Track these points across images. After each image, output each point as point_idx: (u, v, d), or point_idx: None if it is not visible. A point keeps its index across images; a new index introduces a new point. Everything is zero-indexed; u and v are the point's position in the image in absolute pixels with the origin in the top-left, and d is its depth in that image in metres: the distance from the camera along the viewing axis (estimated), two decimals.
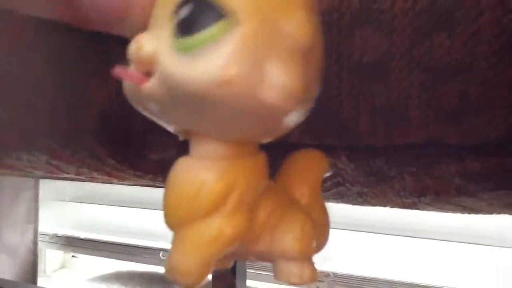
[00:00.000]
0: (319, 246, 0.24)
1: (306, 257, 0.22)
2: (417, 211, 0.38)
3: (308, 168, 0.25)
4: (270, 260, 0.22)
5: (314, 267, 0.22)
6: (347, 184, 0.32)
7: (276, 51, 0.16)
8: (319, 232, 0.24)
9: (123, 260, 1.54)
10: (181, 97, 0.16)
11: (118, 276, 1.50)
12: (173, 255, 0.19)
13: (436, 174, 0.28)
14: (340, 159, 0.29)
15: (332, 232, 0.26)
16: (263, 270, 1.35)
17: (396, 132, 0.26)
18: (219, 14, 0.15)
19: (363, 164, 0.29)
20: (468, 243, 1.21)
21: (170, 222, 0.20)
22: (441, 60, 0.23)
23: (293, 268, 0.21)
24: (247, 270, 0.80)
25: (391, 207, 0.37)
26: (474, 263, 1.18)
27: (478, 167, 0.26)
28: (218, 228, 0.18)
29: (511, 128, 0.23)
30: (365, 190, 0.33)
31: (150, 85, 0.17)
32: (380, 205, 0.37)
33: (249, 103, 0.16)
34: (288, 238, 0.21)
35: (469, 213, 0.35)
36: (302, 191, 0.24)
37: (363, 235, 1.34)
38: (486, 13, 0.21)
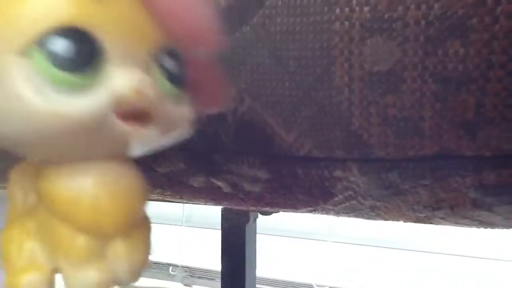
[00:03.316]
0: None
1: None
2: (434, 226, 0.37)
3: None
4: None
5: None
6: (359, 198, 0.32)
7: None
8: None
9: None
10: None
11: None
12: None
13: (451, 187, 0.28)
14: (352, 172, 0.29)
15: (344, 248, 0.25)
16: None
17: (409, 144, 0.25)
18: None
19: (375, 177, 0.28)
20: (477, 257, 1.19)
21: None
22: (455, 70, 0.22)
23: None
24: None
25: (404, 221, 0.36)
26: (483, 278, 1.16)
27: (494, 179, 0.26)
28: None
29: None
30: (378, 204, 0.32)
31: None
32: (393, 220, 0.36)
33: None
34: None
35: (485, 228, 0.34)
36: None
37: (375, 251, 1.32)
38: (501, 20, 0.21)
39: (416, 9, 0.22)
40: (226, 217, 0.73)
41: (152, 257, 0.24)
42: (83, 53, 0.15)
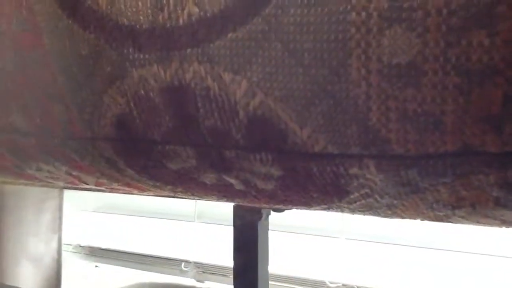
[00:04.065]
0: None
1: None
2: (448, 224, 0.36)
3: None
4: None
5: None
6: (376, 196, 0.31)
7: None
8: None
9: (145, 270, 1.54)
10: None
11: (140, 287, 1.50)
12: None
13: (473, 185, 0.26)
14: (369, 169, 0.28)
15: (358, 245, 0.24)
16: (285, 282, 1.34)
17: (429, 140, 0.24)
18: None
19: (393, 175, 0.27)
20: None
21: None
22: (480, 61, 0.21)
23: None
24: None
25: (422, 220, 0.35)
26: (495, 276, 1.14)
27: None
28: None
29: None
30: (395, 202, 0.31)
31: None
32: (411, 218, 0.35)
33: None
34: None
35: (507, 227, 0.33)
36: None
37: (389, 248, 1.31)
38: None
39: None
40: (238, 214, 0.73)
41: (164, 253, 0.24)
42: None
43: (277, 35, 0.26)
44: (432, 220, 0.34)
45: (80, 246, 1.64)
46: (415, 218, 0.35)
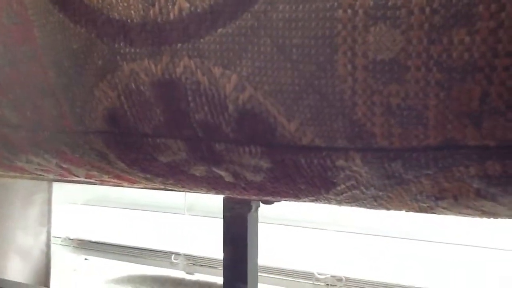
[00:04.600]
0: None
1: None
2: (434, 216, 0.37)
3: None
4: None
5: None
6: (362, 188, 0.31)
7: None
8: None
9: (135, 263, 1.54)
10: None
11: (130, 279, 1.50)
12: None
13: (455, 177, 0.27)
14: (354, 161, 0.28)
15: (346, 237, 0.25)
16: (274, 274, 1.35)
17: (412, 134, 0.25)
18: None
19: (378, 167, 0.28)
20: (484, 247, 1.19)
21: None
22: (461, 58, 0.22)
23: None
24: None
25: (407, 211, 0.36)
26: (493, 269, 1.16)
27: (499, 170, 0.25)
28: None
29: None
30: (380, 193, 0.32)
31: None
32: (396, 209, 0.36)
33: None
34: None
35: (488, 218, 0.34)
36: None
37: (376, 239, 1.32)
38: (508, 8, 0.20)
39: None
40: (228, 206, 0.73)
41: (154, 245, 0.24)
42: None
43: (266, 31, 0.26)
44: (417, 211, 0.35)
45: (70, 239, 1.64)
46: (400, 210, 0.36)
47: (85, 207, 1.71)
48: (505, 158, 0.24)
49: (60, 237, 1.60)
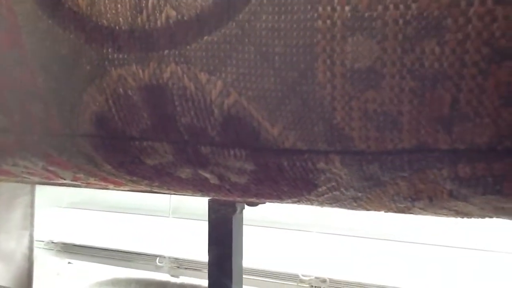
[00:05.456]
0: None
1: None
2: (416, 217, 0.38)
3: None
4: None
5: None
6: (342, 189, 0.33)
7: None
8: None
9: (119, 266, 1.53)
10: None
11: (114, 282, 1.49)
12: None
13: (429, 179, 0.29)
14: (334, 164, 0.30)
15: (330, 238, 0.26)
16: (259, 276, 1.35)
17: (388, 138, 0.26)
18: None
19: (357, 169, 0.29)
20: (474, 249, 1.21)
21: None
22: (432, 67, 0.23)
23: None
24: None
25: (386, 212, 0.37)
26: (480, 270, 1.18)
27: (469, 172, 0.27)
28: None
29: (499, 133, 0.24)
30: (360, 195, 0.33)
31: None
32: (375, 210, 0.37)
33: None
34: None
35: (461, 217, 0.36)
36: None
37: (360, 241, 1.34)
38: (474, 21, 0.22)
39: (395, 8, 0.23)
40: (213, 208, 0.74)
41: (139, 248, 0.25)
42: None
43: (250, 39, 0.27)
44: (395, 212, 0.37)
45: (53, 243, 1.62)
46: (379, 210, 0.37)
47: (69, 210, 1.69)
48: (474, 161, 0.26)
49: (43, 241, 1.58)
